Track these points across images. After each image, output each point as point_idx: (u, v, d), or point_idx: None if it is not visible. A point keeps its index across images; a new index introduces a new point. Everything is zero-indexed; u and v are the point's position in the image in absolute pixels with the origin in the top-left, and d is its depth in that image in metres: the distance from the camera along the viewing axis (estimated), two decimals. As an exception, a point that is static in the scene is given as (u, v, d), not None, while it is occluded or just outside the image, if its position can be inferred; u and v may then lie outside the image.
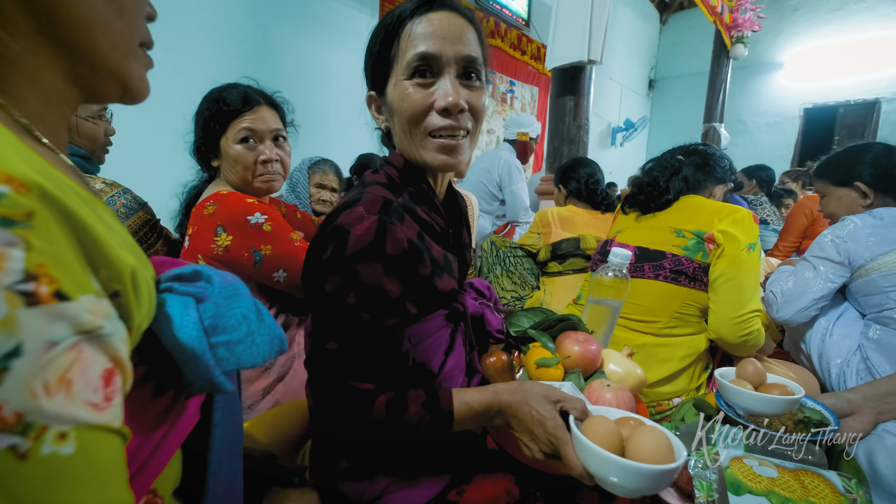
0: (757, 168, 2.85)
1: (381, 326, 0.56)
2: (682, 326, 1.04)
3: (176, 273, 0.37)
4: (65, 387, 0.21)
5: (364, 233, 0.54)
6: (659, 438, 0.49)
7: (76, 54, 0.30)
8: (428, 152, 0.60)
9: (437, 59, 0.56)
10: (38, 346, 0.20)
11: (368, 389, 0.55)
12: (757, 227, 0.99)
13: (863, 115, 5.52)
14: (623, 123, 6.22)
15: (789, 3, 5.90)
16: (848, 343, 1.07)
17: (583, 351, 0.68)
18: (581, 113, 2.13)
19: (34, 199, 0.22)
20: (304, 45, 2.95)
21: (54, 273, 0.21)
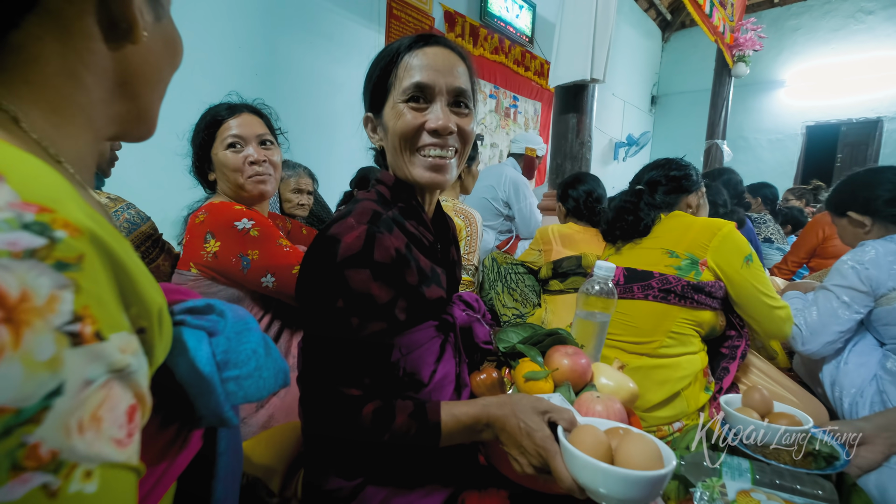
0: (761, 186, 2.85)
1: (370, 331, 0.57)
2: (677, 346, 1.03)
3: (189, 306, 0.38)
4: (95, 424, 0.22)
5: (353, 241, 0.57)
6: (647, 445, 0.48)
7: (136, 104, 0.35)
8: (416, 168, 0.64)
9: (431, 89, 0.62)
10: (77, 385, 0.21)
11: (356, 395, 0.56)
12: (741, 236, 1.02)
13: (865, 133, 5.54)
14: (626, 139, 6.25)
15: (790, 23, 5.97)
16: (863, 372, 1.04)
17: (572, 364, 0.68)
18: (584, 130, 2.14)
19: (85, 242, 0.23)
20: (312, 59, 2.99)
21: (96, 313, 0.22)
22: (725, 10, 3.88)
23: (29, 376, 0.19)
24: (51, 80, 0.29)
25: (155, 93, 0.37)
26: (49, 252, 0.21)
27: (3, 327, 0.19)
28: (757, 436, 0.73)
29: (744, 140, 6.37)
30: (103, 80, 0.32)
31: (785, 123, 6.14)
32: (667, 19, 6.95)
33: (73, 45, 0.29)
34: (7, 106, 0.28)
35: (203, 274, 0.95)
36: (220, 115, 1.01)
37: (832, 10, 5.69)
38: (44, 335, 0.20)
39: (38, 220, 0.22)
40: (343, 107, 3.19)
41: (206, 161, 1.03)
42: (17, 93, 0.28)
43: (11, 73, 0.28)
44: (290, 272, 0.94)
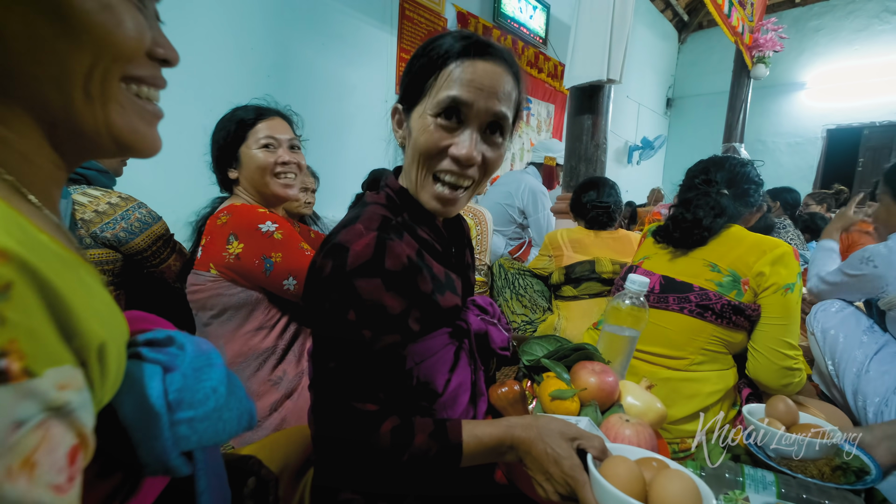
0: (782, 190, 2.78)
1: (383, 343, 0.55)
2: (709, 362, 0.99)
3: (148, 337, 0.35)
4: (28, 470, 0.20)
5: (363, 249, 0.54)
6: (686, 484, 0.45)
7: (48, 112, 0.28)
8: (425, 193, 0.61)
9: (468, 108, 0.57)
10: (4, 428, 0.19)
11: (372, 411, 0.53)
12: (798, 263, 0.94)
13: (888, 136, 5.38)
14: (641, 142, 6.17)
15: (811, 24, 5.84)
16: (887, 380, 1.01)
17: (599, 383, 0.65)
18: (599, 132, 2.11)
19: (13, 269, 0.21)
20: (323, 61, 3.01)
21: (25, 347, 0.20)
22: (745, 10, 3.80)
23: None
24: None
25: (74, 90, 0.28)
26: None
27: None
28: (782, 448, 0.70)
29: (762, 143, 6.24)
30: None
31: (805, 127, 5.99)
32: (683, 20, 6.85)
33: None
34: None
35: (223, 275, 0.95)
36: (251, 115, 1.03)
37: (856, 10, 5.54)
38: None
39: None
40: (355, 109, 3.20)
41: (231, 157, 1.04)
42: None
43: None
44: None
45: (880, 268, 1.04)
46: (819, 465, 0.68)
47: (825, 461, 0.69)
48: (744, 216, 1.08)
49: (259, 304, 0.99)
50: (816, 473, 0.67)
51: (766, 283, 0.92)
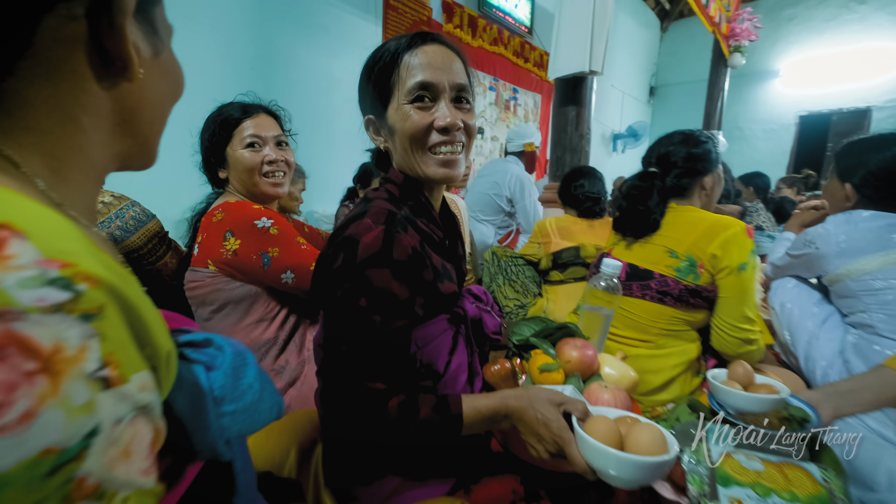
0: (753, 175, 2.92)
1: (392, 328, 0.60)
2: (673, 339, 1.09)
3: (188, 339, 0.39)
4: (127, 457, 0.24)
5: (372, 241, 0.58)
6: (654, 433, 0.54)
7: (136, 140, 0.35)
8: (429, 167, 0.67)
9: (435, 87, 0.64)
10: (110, 424, 0.23)
11: (381, 389, 0.58)
12: (751, 241, 1.01)
13: (855, 122, 5.61)
14: (626, 131, 6.28)
15: (785, 13, 6.00)
16: (832, 346, 1.13)
17: (581, 356, 0.74)
18: (583, 122, 2.19)
19: (103, 293, 0.24)
20: (307, 53, 2.99)
21: (119, 358, 0.24)
22: (722, 0, 3.91)
23: (69, 420, 0.21)
24: (47, 123, 0.29)
25: (155, 127, 0.37)
26: (74, 305, 0.22)
27: (41, 377, 0.20)
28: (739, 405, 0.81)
29: (739, 130, 6.43)
30: (101, 121, 0.32)
31: (779, 113, 6.20)
32: (665, 9, 6.94)
33: (66, 86, 0.29)
34: (6, 152, 0.28)
35: (222, 271, 0.97)
36: (236, 114, 1.02)
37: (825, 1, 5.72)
38: (78, 382, 0.22)
39: (61, 275, 0.23)
40: (341, 101, 3.20)
41: (218, 158, 1.05)
42: (17, 139, 0.28)
43: (8, 118, 0.28)
44: (309, 269, 0.98)
45: (821, 248, 1.13)
46: (769, 417, 0.79)
47: (774, 414, 0.80)
48: (696, 186, 1.12)
49: (259, 298, 1.02)
50: (767, 424, 0.78)
51: (720, 265, 1.00)
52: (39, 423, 0.20)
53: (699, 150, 1.09)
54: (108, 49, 0.29)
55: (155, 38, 0.34)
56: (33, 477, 0.19)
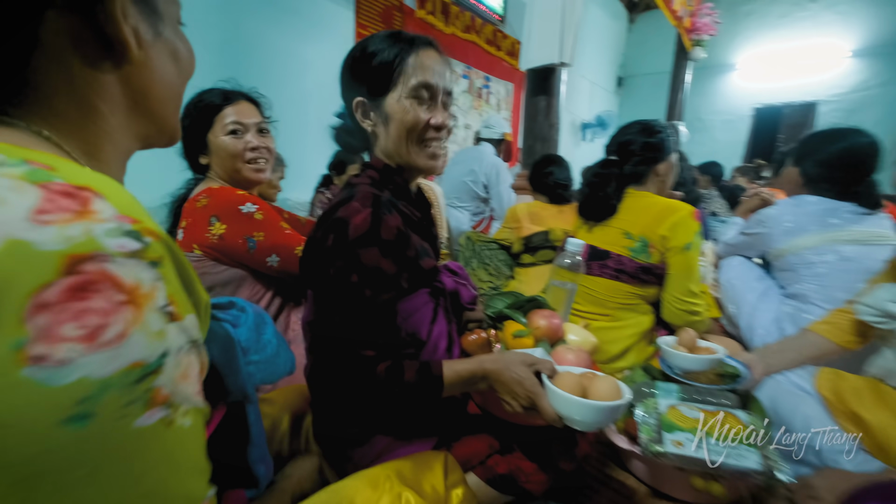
0: (709, 165, 3.12)
1: (380, 300, 0.66)
2: (628, 312, 1.21)
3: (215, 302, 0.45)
4: (186, 378, 0.29)
5: (361, 222, 0.64)
6: (611, 384, 0.64)
7: (153, 121, 0.38)
8: (420, 157, 0.74)
9: (435, 89, 0.72)
10: (176, 349, 0.28)
11: (371, 356, 0.65)
12: (696, 223, 1.13)
13: (803, 115, 6.00)
14: (594, 120, 6.44)
15: (743, 9, 6.27)
16: (769, 316, 1.28)
17: (549, 324, 0.84)
18: (553, 112, 2.28)
19: (162, 246, 0.29)
20: (279, 37, 2.93)
21: (178, 299, 0.29)
22: (684, -5, 4.07)
23: (149, 342, 0.26)
24: (71, 111, 0.32)
25: (170, 106, 0.39)
26: (144, 253, 0.27)
27: (128, 307, 0.25)
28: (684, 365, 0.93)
29: (700, 121, 6.73)
30: (116, 105, 0.35)
31: (736, 105, 6.53)
32: (633, 1, 7.11)
33: (78, 75, 0.32)
34: (49, 135, 0.31)
35: (207, 255, 1.00)
36: (216, 101, 1.03)
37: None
38: (153, 313, 0.26)
39: (133, 228, 0.27)
40: (313, 86, 3.16)
41: (199, 144, 1.06)
42: (54, 125, 0.32)
43: (41, 108, 0.31)
44: (293, 252, 1.01)
45: (771, 227, 1.30)
46: (708, 375, 0.92)
47: (713, 371, 0.93)
48: (651, 173, 1.22)
49: (244, 281, 1.05)
50: (706, 380, 0.91)
51: (668, 244, 1.12)
52: (129, 342, 0.25)
53: (655, 140, 1.20)
54: (108, 35, 0.31)
55: (154, 18, 0.35)
56: (126, 383, 0.25)
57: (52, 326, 0.23)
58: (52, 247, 0.24)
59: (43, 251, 0.23)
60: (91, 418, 0.24)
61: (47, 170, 0.27)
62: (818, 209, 1.23)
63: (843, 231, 1.17)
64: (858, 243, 1.16)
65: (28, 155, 0.28)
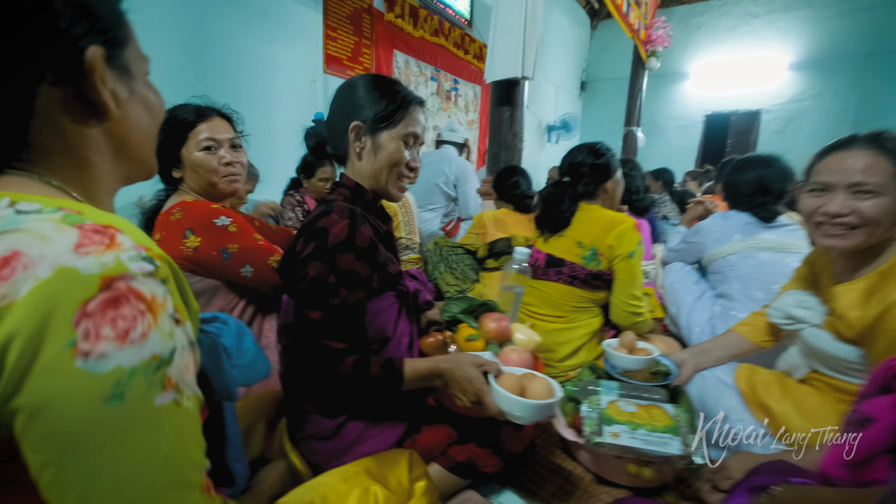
0: (661, 171, 3.34)
1: (354, 299, 0.77)
2: (580, 314, 1.34)
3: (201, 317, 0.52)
4: (187, 370, 0.37)
5: (340, 231, 0.75)
6: (545, 384, 0.76)
7: (133, 162, 0.45)
8: (394, 187, 0.87)
9: (417, 138, 0.88)
10: (181, 347, 0.36)
11: (342, 349, 0.75)
12: (638, 234, 1.28)
13: (748, 123, 6.47)
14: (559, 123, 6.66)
15: (695, 21, 6.67)
16: (704, 316, 1.44)
17: (497, 326, 0.94)
18: (516, 122, 2.38)
19: (167, 267, 0.37)
20: (244, 37, 2.89)
21: (180, 309, 0.37)
22: (640, 8, 4.30)
23: (163, 340, 0.34)
24: (69, 164, 0.39)
25: (146, 148, 0.46)
26: (157, 273, 0.35)
27: (149, 314, 0.34)
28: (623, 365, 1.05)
29: (656, 126, 7.11)
30: (103, 155, 0.41)
31: (689, 112, 6.94)
32: (595, 8, 7.37)
33: (70, 134, 0.38)
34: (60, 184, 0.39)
35: (182, 266, 1.03)
36: (190, 117, 1.06)
37: (727, 12, 6.45)
38: (166, 318, 0.35)
39: (147, 255, 0.35)
40: (282, 88, 3.14)
41: (172, 158, 1.08)
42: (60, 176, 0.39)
43: (47, 163, 0.38)
44: (266, 262, 1.06)
45: (703, 236, 1.48)
46: (643, 373, 1.04)
47: (647, 370, 1.05)
48: (600, 190, 1.36)
49: (218, 291, 1.09)
50: (641, 378, 1.03)
51: (614, 253, 1.26)
52: (150, 340, 0.33)
53: (602, 161, 1.34)
54: (91, 99, 0.38)
55: (128, 78, 0.42)
56: (148, 371, 0.33)
57: (94, 329, 0.31)
58: (92, 270, 0.32)
59: (85, 275, 0.31)
60: (123, 397, 0.32)
61: (77, 214, 0.35)
62: (740, 222, 1.43)
63: (759, 240, 1.36)
64: (773, 250, 1.35)
65: (60, 203, 0.35)
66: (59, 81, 0.36)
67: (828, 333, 0.95)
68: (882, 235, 0.87)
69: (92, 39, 0.37)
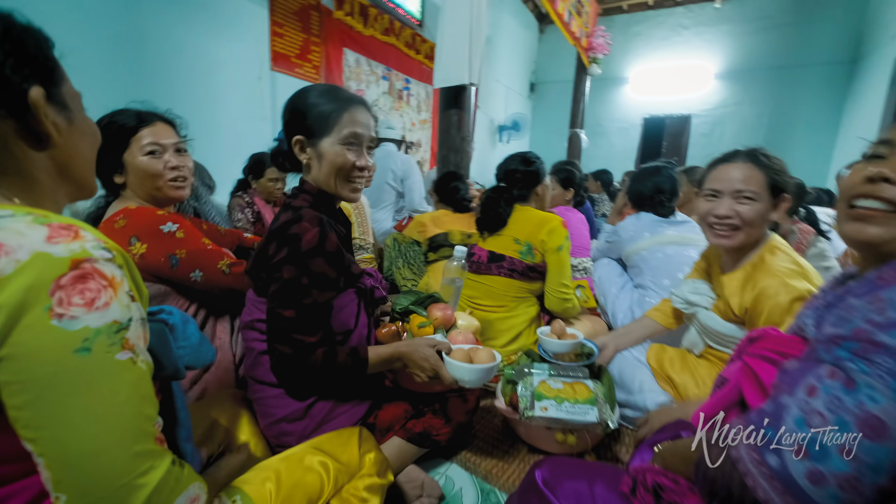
0: (600, 172, 3.60)
1: (324, 298, 0.86)
2: (520, 304, 1.49)
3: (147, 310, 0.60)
4: (141, 339, 0.46)
5: (312, 238, 0.83)
6: (488, 352, 0.90)
7: (74, 182, 0.53)
8: (344, 190, 0.93)
9: (362, 138, 0.91)
10: (136, 318, 0.45)
11: (313, 342, 0.83)
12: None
13: (681, 126, 7.04)
14: (511, 123, 6.89)
15: (633, 29, 7.14)
16: (626, 304, 1.63)
17: (443, 315, 1.07)
18: (464, 126, 2.49)
19: (121, 256, 0.46)
20: (184, 32, 2.77)
21: (133, 289, 0.46)
22: (581, 18, 4.58)
23: (122, 309, 0.43)
24: (22, 183, 0.47)
25: (86, 170, 0.53)
26: (114, 260, 0.44)
27: (110, 288, 0.42)
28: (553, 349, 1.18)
29: (600, 127, 7.55)
30: (49, 175, 0.49)
31: (630, 115, 7.43)
32: (542, 12, 7.68)
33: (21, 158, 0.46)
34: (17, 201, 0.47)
35: None
36: (131, 122, 1.05)
37: (661, 22, 6.97)
38: (124, 293, 0.44)
39: (106, 246, 0.44)
40: (226, 85, 3.05)
41: (114, 164, 1.06)
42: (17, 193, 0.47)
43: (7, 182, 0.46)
44: (216, 267, 1.08)
45: (621, 235, 1.68)
46: (569, 355, 1.18)
47: (574, 352, 1.20)
48: (533, 193, 1.55)
49: (168, 296, 1.09)
50: (569, 359, 1.17)
51: (545, 247, 1.44)
52: (111, 308, 0.42)
53: (532, 168, 1.52)
54: (37, 130, 0.46)
55: (67, 112, 0.50)
56: (110, 332, 0.42)
57: (66, 297, 0.39)
58: (63, 255, 0.40)
59: (57, 258, 0.40)
60: (91, 350, 0.40)
61: (44, 216, 0.43)
62: (648, 221, 1.65)
63: (665, 236, 1.58)
64: (676, 244, 1.56)
65: (28, 210, 0.43)
66: (10, 116, 0.44)
67: (716, 315, 1.13)
68: (755, 235, 1.06)
69: (32, 82, 0.45)
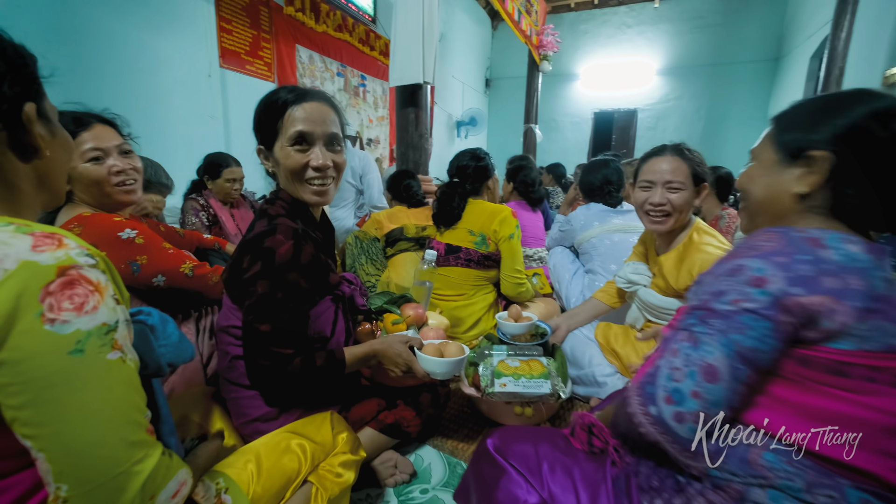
0: (554, 166, 3.78)
1: (300, 311, 0.85)
2: (478, 291, 1.58)
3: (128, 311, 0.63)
4: (127, 339, 0.48)
5: (286, 251, 0.81)
6: (457, 346, 0.97)
7: (50, 191, 0.55)
8: (305, 193, 0.91)
9: (311, 135, 0.86)
10: (122, 321, 0.47)
11: (290, 353, 0.82)
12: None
13: (628, 120, 7.45)
14: (468, 119, 7.00)
15: (581, 27, 7.45)
16: (577, 288, 1.76)
17: (415, 313, 1.12)
18: (421, 123, 2.55)
19: (104, 262, 0.48)
20: (125, 27, 2.63)
21: (117, 293, 0.48)
22: (531, 17, 4.73)
23: (109, 312, 0.45)
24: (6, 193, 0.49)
25: (62, 180, 0.56)
26: (97, 266, 0.46)
27: (97, 293, 0.44)
28: (511, 331, 1.28)
29: (554, 122, 7.84)
30: (31, 185, 0.51)
31: (581, 109, 7.76)
32: (494, 9, 7.83)
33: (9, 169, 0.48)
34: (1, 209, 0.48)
35: None
36: (67, 127, 0.99)
37: (607, 21, 7.31)
38: (110, 297, 0.46)
39: (89, 252, 0.46)
40: (173, 83, 2.92)
41: None
42: None
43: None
44: (178, 270, 1.08)
45: (572, 225, 1.80)
46: (525, 336, 1.29)
47: (529, 333, 1.30)
48: (483, 187, 1.65)
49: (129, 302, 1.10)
50: (525, 339, 1.27)
51: (498, 236, 1.54)
52: (100, 311, 0.44)
53: (482, 164, 1.62)
54: (26, 142, 0.48)
55: (50, 125, 0.52)
56: (100, 333, 0.44)
57: (56, 303, 0.42)
58: (49, 262, 0.42)
59: (44, 265, 0.42)
60: (83, 351, 0.43)
61: (26, 226, 0.44)
62: (597, 211, 1.78)
63: (612, 225, 1.72)
64: (622, 231, 1.71)
65: (9, 220, 0.44)
66: (3, 129, 0.47)
67: (655, 291, 1.27)
68: (683, 220, 1.21)
69: (24, 98, 0.47)
